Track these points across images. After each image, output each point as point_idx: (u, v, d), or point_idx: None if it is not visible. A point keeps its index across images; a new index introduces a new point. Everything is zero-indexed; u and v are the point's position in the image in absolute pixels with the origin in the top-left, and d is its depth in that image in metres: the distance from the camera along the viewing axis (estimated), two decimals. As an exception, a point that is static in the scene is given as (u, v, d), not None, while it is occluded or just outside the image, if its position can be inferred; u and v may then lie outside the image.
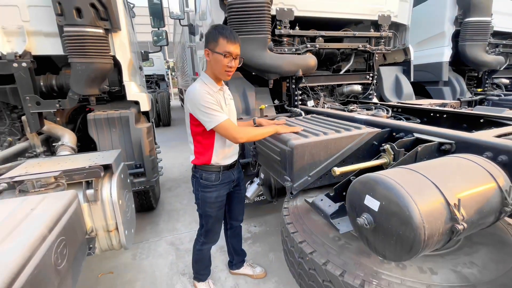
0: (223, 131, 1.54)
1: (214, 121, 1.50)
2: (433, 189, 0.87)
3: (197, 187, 1.76)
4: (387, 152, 1.34)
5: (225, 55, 1.51)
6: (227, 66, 1.54)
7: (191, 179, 1.82)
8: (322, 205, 1.23)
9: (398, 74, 3.61)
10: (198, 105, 1.49)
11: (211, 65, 1.59)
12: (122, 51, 2.28)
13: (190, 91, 1.55)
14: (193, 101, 1.51)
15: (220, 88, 1.69)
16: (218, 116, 1.51)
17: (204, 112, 1.49)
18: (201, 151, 1.69)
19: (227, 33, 1.51)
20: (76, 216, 1.18)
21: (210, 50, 1.53)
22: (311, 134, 1.60)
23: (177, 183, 3.93)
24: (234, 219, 2.01)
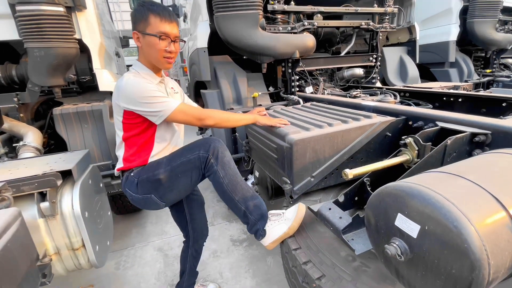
0: (183, 117, 1.25)
1: (167, 109, 1.21)
2: (492, 203, 0.62)
3: (144, 188, 1.30)
4: (409, 147, 1.09)
5: (161, 36, 1.20)
6: (165, 51, 1.24)
7: (125, 190, 1.36)
8: (331, 217, 0.98)
9: (403, 55, 3.32)
10: (138, 97, 1.18)
11: (144, 51, 1.27)
12: (89, 34, 1.95)
13: (122, 84, 1.21)
14: (129, 93, 1.19)
15: (161, 80, 1.38)
16: (170, 102, 1.22)
17: (148, 103, 1.19)
18: (135, 153, 1.34)
19: (160, 10, 1.21)
20: (18, 242, 0.91)
21: (140, 32, 1.22)
22: (313, 126, 1.33)
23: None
24: (199, 233, 1.60)
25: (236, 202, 1.27)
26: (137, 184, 1.30)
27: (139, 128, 1.29)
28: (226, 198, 1.29)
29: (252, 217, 1.27)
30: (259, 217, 1.27)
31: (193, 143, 1.32)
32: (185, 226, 1.58)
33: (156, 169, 1.27)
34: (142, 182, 1.29)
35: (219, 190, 1.29)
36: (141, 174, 1.30)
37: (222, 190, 1.27)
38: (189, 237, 1.59)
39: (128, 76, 1.24)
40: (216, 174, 1.25)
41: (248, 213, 1.26)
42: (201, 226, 1.60)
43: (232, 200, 1.27)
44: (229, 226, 2.51)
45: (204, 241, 1.66)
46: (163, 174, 1.26)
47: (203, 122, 1.29)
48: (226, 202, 1.31)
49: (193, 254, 1.63)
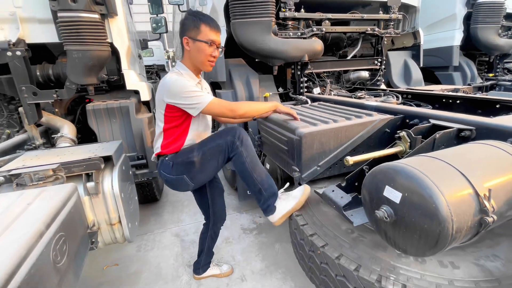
0: (217, 109, 1.42)
1: (203, 102, 1.38)
2: (460, 178, 0.80)
3: (178, 170, 1.49)
4: (402, 140, 1.26)
5: (210, 43, 1.41)
6: (211, 55, 1.45)
7: (160, 172, 1.57)
8: (333, 197, 1.16)
9: (407, 59, 3.47)
10: (180, 92, 1.36)
11: (191, 54, 1.46)
12: (119, 38, 2.18)
13: (166, 82, 1.41)
14: (172, 89, 1.38)
15: (199, 81, 1.58)
16: (206, 97, 1.40)
17: (188, 97, 1.37)
18: (172, 142, 1.53)
19: (210, 20, 1.42)
20: (76, 210, 1.12)
21: (191, 38, 1.41)
22: (320, 122, 1.52)
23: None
24: (219, 216, 1.79)
25: (254, 179, 1.45)
26: (172, 166, 1.50)
27: (178, 120, 1.49)
28: (246, 175, 1.47)
29: (266, 193, 1.47)
30: (271, 194, 1.48)
31: (221, 131, 1.54)
32: (206, 209, 1.78)
33: (190, 153, 1.47)
34: (177, 164, 1.49)
35: (240, 168, 1.47)
36: (176, 158, 1.50)
37: (244, 168, 1.45)
38: (210, 220, 1.79)
39: (171, 75, 1.43)
40: (240, 155, 1.44)
41: (263, 190, 1.47)
42: (220, 210, 1.80)
43: (251, 177, 1.46)
44: (240, 216, 2.70)
45: (222, 225, 1.86)
46: (196, 157, 1.46)
47: (235, 112, 1.46)
48: (245, 179, 1.49)
49: (212, 236, 1.83)
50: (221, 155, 1.48)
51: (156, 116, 1.57)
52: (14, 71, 1.89)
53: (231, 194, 3.16)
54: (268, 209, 1.47)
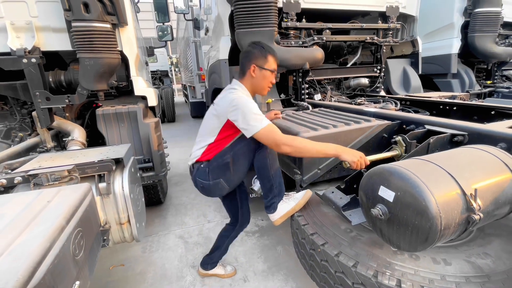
0: (264, 136, 1.39)
1: (259, 126, 1.38)
2: (449, 179, 0.86)
3: (214, 174, 1.56)
4: (398, 144, 1.33)
5: (273, 72, 1.56)
6: (271, 82, 1.59)
7: (196, 179, 1.64)
8: (333, 197, 1.23)
9: (406, 66, 3.56)
10: (245, 111, 1.39)
11: (255, 80, 1.56)
12: (129, 46, 2.28)
13: (234, 98, 1.44)
14: (239, 107, 1.40)
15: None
16: (264, 121, 1.40)
17: (250, 118, 1.39)
18: (212, 151, 1.60)
19: (274, 52, 1.57)
20: (91, 208, 1.19)
21: (258, 66, 1.53)
22: (321, 127, 1.59)
23: (183, 178, 3.96)
24: (246, 218, 1.89)
25: (270, 175, 1.52)
26: (208, 172, 1.57)
27: (229, 136, 1.56)
28: (264, 170, 1.52)
29: (275, 190, 1.55)
30: (279, 193, 1.56)
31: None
32: (235, 212, 1.86)
33: (223, 155, 1.55)
34: (213, 169, 1.56)
35: (261, 163, 1.52)
36: (210, 163, 1.58)
37: (264, 163, 1.51)
38: (237, 222, 1.87)
39: (238, 93, 1.48)
40: (265, 150, 1.50)
41: (274, 187, 1.54)
42: (247, 212, 1.89)
43: (268, 173, 1.52)
44: (242, 219, 2.76)
45: (246, 227, 1.95)
46: (229, 158, 1.52)
47: (280, 147, 1.37)
48: (261, 173, 1.55)
49: (233, 236, 1.93)
50: (251, 154, 1.54)
51: (206, 129, 1.61)
52: (29, 77, 1.99)
53: (233, 198, 3.21)
54: (272, 206, 1.55)
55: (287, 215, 1.52)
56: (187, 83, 10.06)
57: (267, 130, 1.39)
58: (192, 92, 8.10)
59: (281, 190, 1.58)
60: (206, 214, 2.89)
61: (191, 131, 7.39)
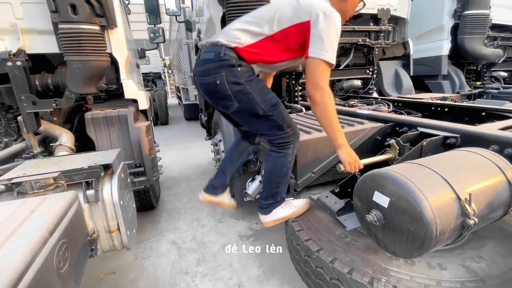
0: (319, 69, 1.19)
1: (325, 56, 1.18)
2: (443, 184, 0.85)
3: (237, 78, 1.27)
4: (392, 147, 1.33)
5: (359, 4, 1.41)
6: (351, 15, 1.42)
7: (220, 71, 1.28)
8: (327, 202, 1.21)
9: (398, 68, 3.59)
10: (330, 32, 1.18)
11: (345, 4, 1.32)
12: (119, 48, 2.23)
13: (332, 12, 1.20)
14: (329, 22, 1.17)
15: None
16: (332, 59, 1.20)
17: (327, 43, 1.18)
18: (258, 53, 1.31)
19: None
20: (77, 218, 1.15)
21: None
22: (314, 131, 1.58)
23: (177, 181, 3.91)
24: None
25: (280, 183, 1.42)
26: (239, 77, 1.28)
27: (285, 52, 1.31)
28: (276, 176, 1.40)
29: (278, 197, 1.47)
30: (280, 200, 1.49)
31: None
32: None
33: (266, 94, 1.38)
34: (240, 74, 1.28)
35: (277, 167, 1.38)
36: (246, 75, 1.30)
37: (280, 170, 1.37)
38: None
39: (338, 16, 1.22)
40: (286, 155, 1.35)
41: (277, 194, 1.46)
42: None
43: (280, 180, 1.40)
44: (237, 223, 2.72)
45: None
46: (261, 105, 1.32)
47: (314, 89, 1.22)
48: (272, 178, 1.42)
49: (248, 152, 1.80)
50: (275, 128, 1.35)
51: (271, 10, 1.32)
52: (14, 81, 1.93)
53: (227, 201, 3.18)
54: (268, 209, 1.49)
55: (280, 221, 1.48)
56: (180, 85, 9.98)
57: (324, 67, 1.19)
58: (186, 94, 8.04)
59: (283, 198, 1.50)
60: (200, 219, 2.85)
61: (185, 133, 7.32)
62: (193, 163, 4.65)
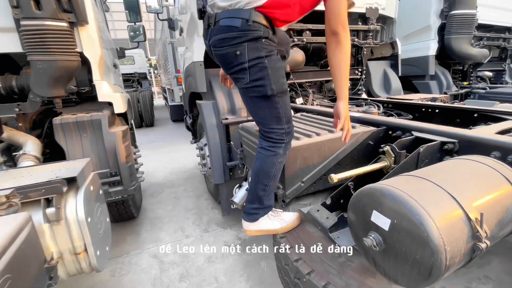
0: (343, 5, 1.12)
1: None
2: (449, 201, 0.75)
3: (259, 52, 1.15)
4: (387, 154, 1.22)
5: None
6: None
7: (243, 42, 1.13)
8: (319, 217, 1.09)
9: (386, 68, 3.54)
10: None
11: None
12: (90, 47, 2.04)
13: None
14: None
15: None
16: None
17: None
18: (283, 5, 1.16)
19: None
20: (29, 245, 0.98)
21: None
22: (303, 136, 1.46)
23: (160, 188, 3.71)
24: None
25: (268, 185, 1.30)
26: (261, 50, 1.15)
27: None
28: (263, 177, 1.29)
29: (265, 203, 1.33)
30: (268, 206, 1.35)
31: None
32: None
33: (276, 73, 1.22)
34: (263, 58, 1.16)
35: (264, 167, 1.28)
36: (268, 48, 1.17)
37: (268, 170, 1.27)
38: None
39: None
40: (277, 154, 1.25)
41: (263, 198, 1.32)
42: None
43: (267, 182, 1.29)
44: (223, 232, 2.58)
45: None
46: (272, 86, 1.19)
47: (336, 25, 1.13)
48: (258, 180, 1.31)
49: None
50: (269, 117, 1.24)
51: None
52: (-30, 84, 1.72)
53: (214, 208, 3.03)
54: (253, 216, 1.35)
55: (265, 233, 1.34)
56: (166, 85, 9.71)
57: (345, 5, 1.12)
58: (171, 95, 7.81)
59: (271, 205, 1.37)
60: (184, 228, 2.69)
61: (171, 135, 7.10)
62: (179, 168, 4.47)
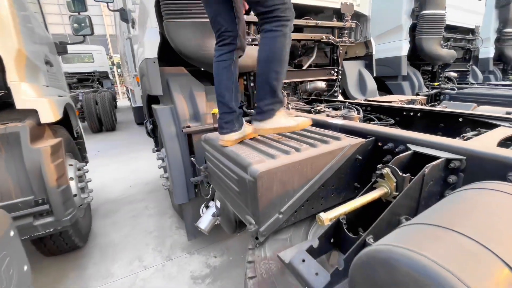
0: None
1: None
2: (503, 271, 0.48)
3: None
4: (386, 178, 0.96)
5: None
6: None
7: None
8: (305, 272, 0.80)
9: (361, 69, 3.39)
10: None
11: None
12: (2, 41, 1.57)
13: None
14: None
15: None
16: None
17: None
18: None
19: None
20: None
21: None
22: (280, 152, 1.16)
23: (117, 205, 3.21)
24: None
25: (278, 72, 1.30)
26: None
27: None
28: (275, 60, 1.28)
29: (278, 94, 1.34)
30: (280, 100, 1.37)
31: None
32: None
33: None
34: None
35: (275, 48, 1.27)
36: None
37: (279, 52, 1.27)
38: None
39: None
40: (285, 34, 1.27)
41: (277, 90, 1.33)
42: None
43: (278, 66, 1.29)
44: (189, 260, 2.21)
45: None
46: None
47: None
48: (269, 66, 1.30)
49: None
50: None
51: None
52: None
53: (180, 228, 2.64)
54: (268, 114, 1.32)
55: (282, 131, 1.33)
56: (129, 85, 8.95)
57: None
58: (133, 96, 7.15)
59: (282, 99, 1.36)
60: (142, 257, 2.27)
61: (134, 140, 6.46)
62: (141, 179, 3.97)
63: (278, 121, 1.32)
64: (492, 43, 5.28)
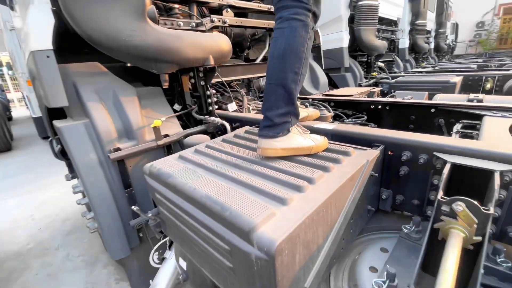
0: None
1: None
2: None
3: None
4: (461, 218, 0.65)
5: None
6: None
7: None
8: None
9: (311, 62, 3.21)
10: None
11: None
12: None
13: None
14: None
15: None
16: None
17: None
18: None
19: None
20: None
21: None
22: (288, 190, 0.75)
23: (22, 262, 2.25)
24: None
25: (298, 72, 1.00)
26: None
27: None
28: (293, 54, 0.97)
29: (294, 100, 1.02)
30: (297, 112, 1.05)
31: None
32: None
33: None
34: None
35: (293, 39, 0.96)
36: None
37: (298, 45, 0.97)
38: None
39: None
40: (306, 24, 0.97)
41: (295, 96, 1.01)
42: None
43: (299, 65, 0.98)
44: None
45: None
46: None
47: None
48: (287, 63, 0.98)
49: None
50: None
51: None
52: None
53: (121, 280, 1.97)
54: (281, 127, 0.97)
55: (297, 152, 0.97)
56: (24, 91, 7.02)
57: None
58: (31, 104, 5.58)
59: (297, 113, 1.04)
60: None
61: (39, 162, 4.96)
62: (54, 215, 2.97)
63: (295, 140, 0.98)
64: (407, 34, 5.90)
